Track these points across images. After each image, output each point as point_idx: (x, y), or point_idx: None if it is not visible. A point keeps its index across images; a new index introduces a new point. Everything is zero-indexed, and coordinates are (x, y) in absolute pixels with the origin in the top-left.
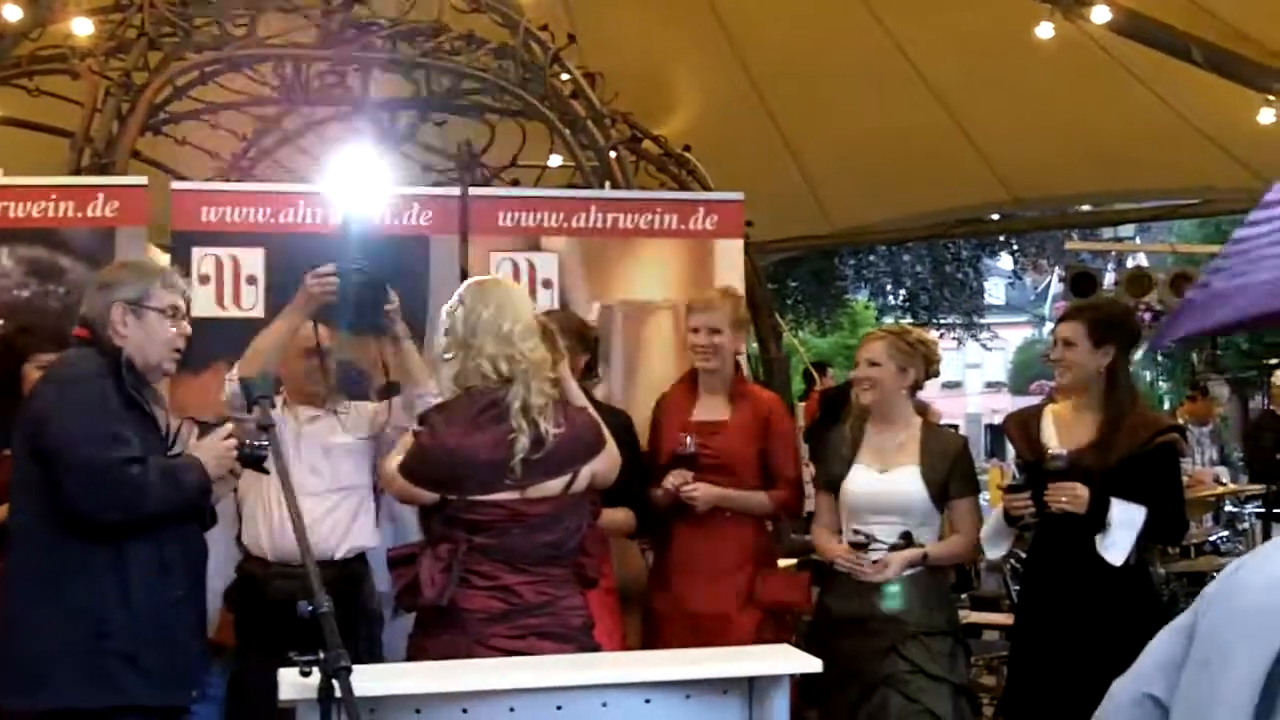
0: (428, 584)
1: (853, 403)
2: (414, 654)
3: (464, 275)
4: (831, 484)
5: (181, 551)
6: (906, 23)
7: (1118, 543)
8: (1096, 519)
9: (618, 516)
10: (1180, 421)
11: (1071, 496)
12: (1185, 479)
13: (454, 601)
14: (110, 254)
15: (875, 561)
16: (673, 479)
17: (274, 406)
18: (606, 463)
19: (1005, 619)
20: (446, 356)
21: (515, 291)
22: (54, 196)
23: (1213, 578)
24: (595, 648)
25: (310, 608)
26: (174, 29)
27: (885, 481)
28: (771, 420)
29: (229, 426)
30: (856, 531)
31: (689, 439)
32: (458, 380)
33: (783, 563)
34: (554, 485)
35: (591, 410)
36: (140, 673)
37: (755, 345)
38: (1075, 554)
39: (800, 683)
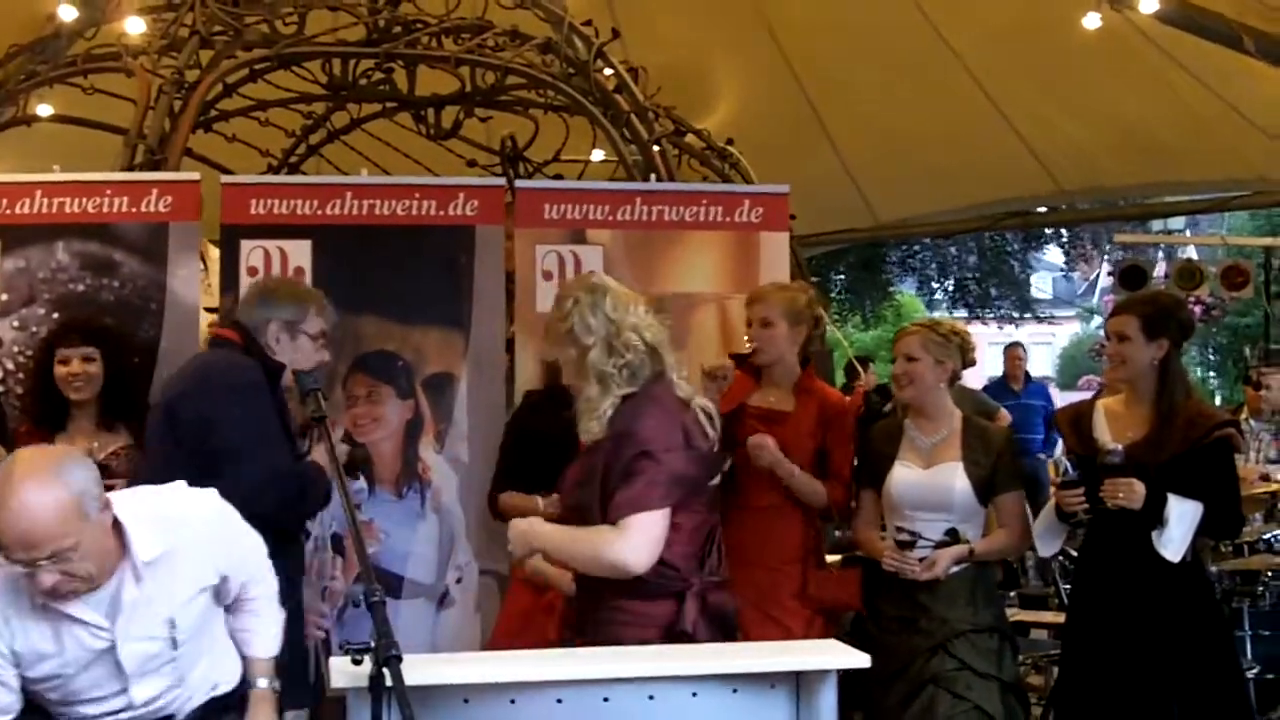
0: (692, 624)
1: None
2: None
3: (509, 270)
4: (874, 480)
5: (297, 558)
6: (950, 13)
7: (1175, 539)
8: (1152, 515)
9: None
10: (1243, 416)
11: (1128, 492)
12: None
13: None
14: (163, 249)
15: (922, 560)
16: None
17: (326, 399)
18: None
19: (1053, 617)
20: (613, 366)
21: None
22: (108, 192)
23: (1266, 576)
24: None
25: (364, 594)
26: (225, 27)
27: (929, 477)
28: (834, 419)
29: None
30: (900, 529)
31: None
32: (619, 378)
33: (828, 559)
34: None
35: None
36: (282, 678)
37: None
38: (1130, 550)
39: (844, 684)
